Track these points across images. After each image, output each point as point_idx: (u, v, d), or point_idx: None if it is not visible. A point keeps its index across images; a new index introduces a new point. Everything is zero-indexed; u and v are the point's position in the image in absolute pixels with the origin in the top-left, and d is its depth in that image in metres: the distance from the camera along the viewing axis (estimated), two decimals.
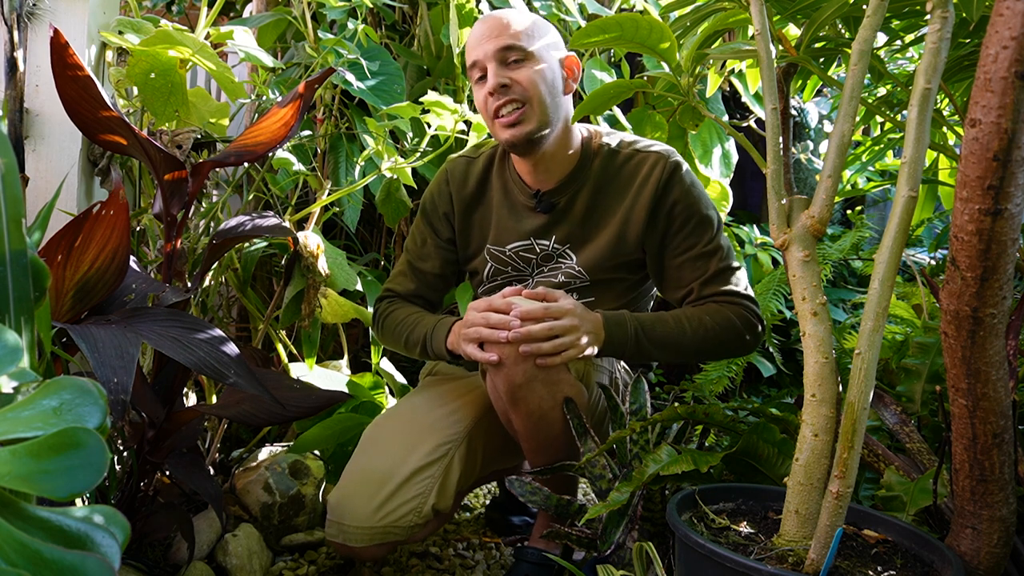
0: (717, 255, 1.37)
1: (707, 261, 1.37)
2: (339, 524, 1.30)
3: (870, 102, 1.41)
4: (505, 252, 1.48)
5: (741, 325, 1.33)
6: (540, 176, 1.42)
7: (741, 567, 0.82)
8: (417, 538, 1.34)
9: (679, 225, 1.37)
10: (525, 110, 1.32)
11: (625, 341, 1.29)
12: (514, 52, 1.32)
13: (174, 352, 0.99)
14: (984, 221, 0.77)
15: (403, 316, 1.46)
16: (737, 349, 1.36)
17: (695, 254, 1.37)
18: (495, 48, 1.32)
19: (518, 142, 1.34)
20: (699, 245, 1.37)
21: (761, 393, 2.49)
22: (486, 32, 1.34)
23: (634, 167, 1.40)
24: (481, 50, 1.34)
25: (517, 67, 1.32)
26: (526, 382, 1.21)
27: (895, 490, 1.09)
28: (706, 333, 1.31)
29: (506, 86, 1.31)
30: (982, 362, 0.84)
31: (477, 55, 1.34)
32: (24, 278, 0.66)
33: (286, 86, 1.75)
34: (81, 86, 1.11)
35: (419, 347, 1.40)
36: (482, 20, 1.37)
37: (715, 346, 1.33)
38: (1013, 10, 0.72)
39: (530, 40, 1.33)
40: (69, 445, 0.47)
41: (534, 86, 1.32)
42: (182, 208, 1.24)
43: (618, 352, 1.30)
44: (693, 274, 1.37)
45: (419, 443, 1.35)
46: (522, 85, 1.31)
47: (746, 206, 3.19)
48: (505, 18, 1.35)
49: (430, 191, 1.53)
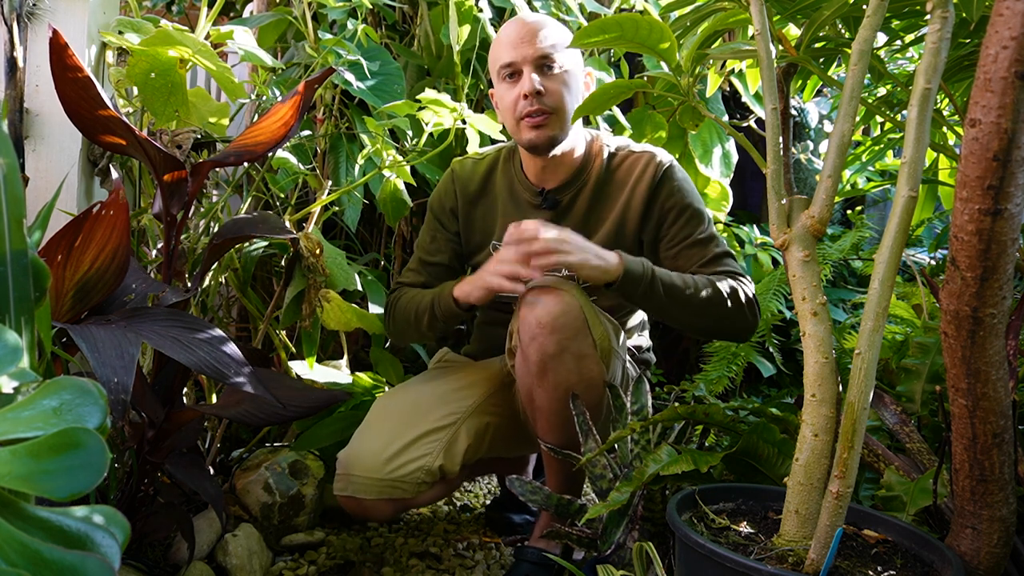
0: (713, 242, 1.44)
1: (703, 248, 1.43)
2: (348, 476, 1.38)
3: (870, 102, 1.41)
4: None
5: (744, 300, 1.37)
6: (546, 175, 1.51)
7: (741, 567, 0.82)
8: (422, 500, 1.43)
9: (673, 218, 1.45)
10: (551, 117, 1.41)
11: (643, 276, 1.31)
12: (552, 61, 1.39)
13: (174, 352, 0.99)
14: (984, 221, 0.77)
15: (412, 294, 1.52)
16: (740, 323, 1.38)
17: (691, 242, 1.44)
18: (536, 55, 1.39)
19: (540, 143, 1.43)
20: (694, 234, 1.44)
21: (761, 393, 2.49)
22: (526, 36, 1.39)
23: (629, 166, 1.49)
24: (519, 52, 1.39)
25: (552, 76, 1.40)
26: (558, 352, 1.26)
27: (895, 490, 1.09)
28: (713, 295, 1.35)
29: (541, 93, 1.39)
30: (982, 362, 0.84)
31: (514, 57, 1.40)
32: (24, 278, 0.66)
33: (286, 86, 1.75)
34: (80, 87, 1.11)
35: (428, 312, 1.45)
36: (519, 22, 1.43)
37: (720, 313, 1.36)
38: (1013, 10, 0.72)
39: (564, 53, 1.42)
40: (69, 445, 0.47)
41: (563, 99, 1.41)
42: (182, 208, 1.24)
43: (634, 285, 1.31)
44: (690, 261, 1.43)
45: (429, 411, 1.45)
46: (555, 96, 1.40)
47: (746, 206, 3.18)
48: (544, 26, 1.42)
49: (437, 190, 1.62)
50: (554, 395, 1.29)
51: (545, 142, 1.42)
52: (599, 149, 1.51)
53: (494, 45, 1.46)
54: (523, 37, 1.39)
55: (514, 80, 1.41)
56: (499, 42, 1.44)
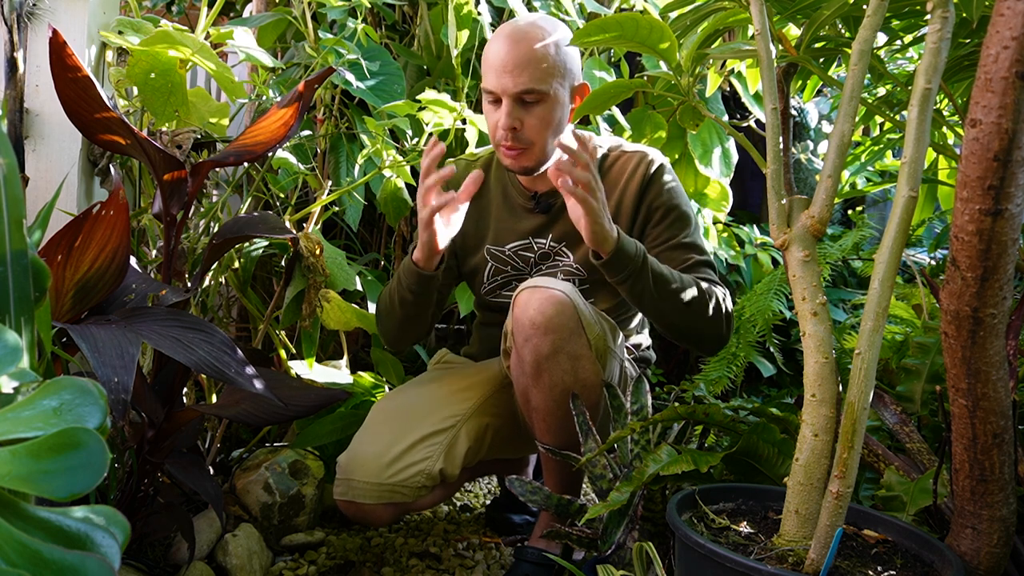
0: (695, 249, 1.44)
1: (686, 251, 1.43)
2: (348, 481, 1.37)
3: (870, 102, 1.41)
4: (504, 252, 1.53)
5: (724, 310, 1.38)
6: (538, 179, 1.50)
7: (741, 567, 0.82)
8: (422, 504, 1.44)
9: (659, 217, 1.45)
10: (526, 151, 1.39)
11: (635, 256, 1.28)
12: (532, 95, 1.35)
13: (174, 352, 0.99)
14: (984, 221, 0.77)
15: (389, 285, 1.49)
16: (714, 329, 1.37)
17: (674, 244, 1.44)
18: (516, 90, 1.33)
19: (515, 170, 1.44)
20: (678, 237, 1.44)
21: (761, 393, 2.49)
22: (508, 65, 1.33)
23: (622, 166, 1.48)
24: (500, 84, 1.34)
25: (531, 110, 1.36)
26: (552, 353, 1.25)
27: (895, 490, 1.09)
28: (697, 296, 1.34)
29: (516, 129, 1.37)
30: (982, 362, 0.84)
31: (495, 86, 1.35)
32: (24, 278, 0.66)
33: (286, 86, 1.75)
34: (80, 87, 1.11)
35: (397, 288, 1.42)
36: (507, 44, 1.34)
37: (700, 315, 1.34)
38: (1013, 10, 0.72)
39: (549, 78, 1.34)
40: (69, 445, 0.47)
41: (541, 133, 1.38)
42: (182, 208, 1.24)
43: (624, 264, 1.28)
44: (671, 263, 1.42)
45: (428, 414, 1.44)
46: (530, 132, 1.37)
47: (746, 206, 3.18)
48: (529, 51, 1.33)
49: None
50: (550, 396, 1.28)
51: (520, 171, 1.43)
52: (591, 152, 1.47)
53: (484, 57, 1.40)
54: (506, 66, 1.33)
55: (496, 105, 1.38)
56: (486, 59, 1.38)
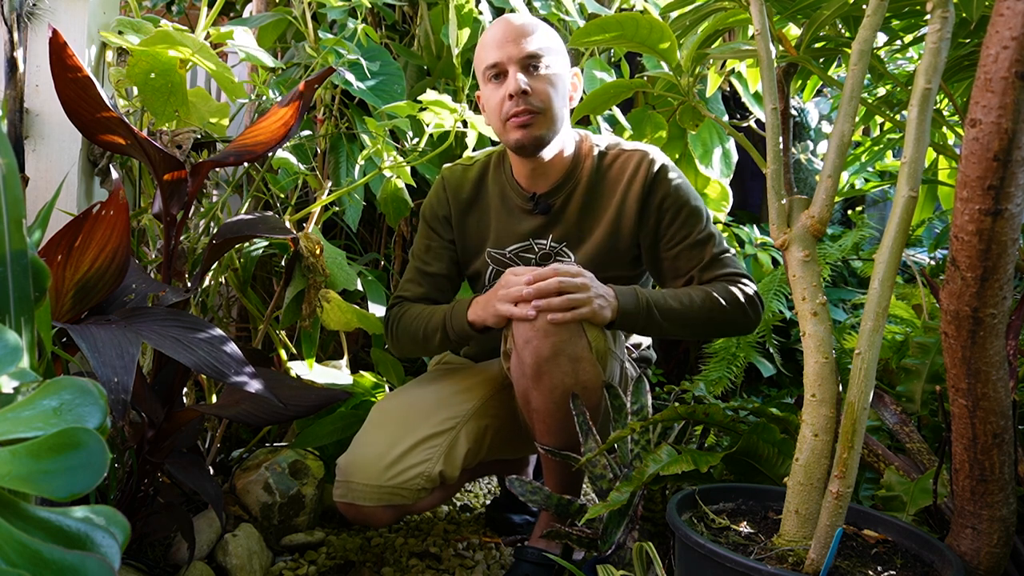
0: (711, 242, 1.43)
1: (702, 249, 1.42)
2: (347, 483, 1.37)
3: (870, 102, 1.41)
4: (505, 254, 1.53)
5: (745, 301, 1.38)
6: (536, 179, 1.48)
7: (741, 567, 0.82)
8: (422, 506, 1.43)
9: (671, 217, 1.43)
10: (538, 117, 1.38)
11: (638, 311, 1.32)
12: (538, 61, 1.37)
13: (174, 352, 0.99)
14: (984, 221, 0.77)
15: (417, 312, 1.49)
16: (742, 325, 1.40)
17: (690, 243, 1.42)
18: (521, 54, 1.37)
19: (527, 143, 1.39)
20: (693, 234, 1.42)
21: (761, 393, 2.49)
22: (510, 36, 1.37)
23: (621, 165, 1.47)
24: (504, 52, 1.37)
25: (538, 76, 1.38)
26: (552, 355, 1.25)
27: (895, 490, 1.09)
28: (714, 305, 1.35)
29: (527, 93, 1.36)
30: (982, 362, 0.84)
31: (499, 57, 1.38)
32: (24, 278, 0.66)
33: (286, 86, 1.75)
34: (80, 87, 1.11)
35: (439, 332, 1.43)
36: (503, 23, 1.40)
37: (722, 321, 1.37)
38: (1013, 10, 0.72)
39: (550, 52, 1.40)
40: (69, 445, 0.47)
41: (550, 98, 1.38)
42: (182, 208, 1.24)
43: (632, 321, 1.32)
44: (690, 263, 1.42)
45: (428, 415, 1.44)
46: (541, 95, 1.38)
47: (746, 206, 3.18)
48: (528, 25, 1.40)
49: (428, 199, 1.59)
50: (550, 398, 1.28)
51: (532, 142, 1.39)
52: (589, 149, 1.48)
53: (479, 46, 1.43)
54: (508, 37, 1.37)
55: (500, 81, 1.39)
56: (484, 43, 1.42)
